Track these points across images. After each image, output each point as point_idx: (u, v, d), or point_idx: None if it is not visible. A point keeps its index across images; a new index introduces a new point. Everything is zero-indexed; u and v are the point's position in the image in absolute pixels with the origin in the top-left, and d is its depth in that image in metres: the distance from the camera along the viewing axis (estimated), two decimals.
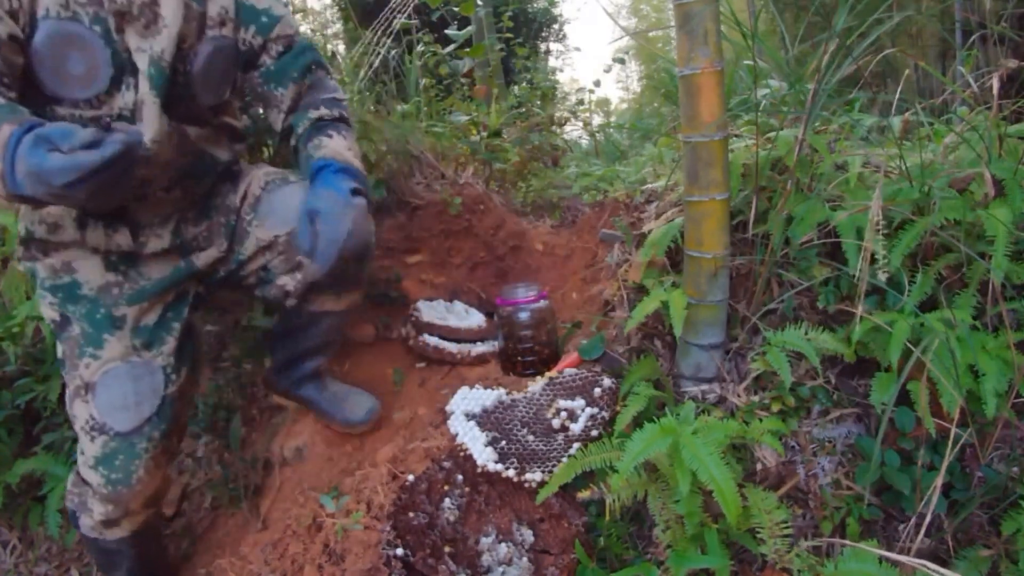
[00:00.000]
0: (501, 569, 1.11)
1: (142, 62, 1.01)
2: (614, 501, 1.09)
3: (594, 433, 1.23)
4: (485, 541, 1.15)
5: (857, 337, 1.14)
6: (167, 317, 1.17)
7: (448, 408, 1.35)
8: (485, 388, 1.39)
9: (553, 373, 1.38)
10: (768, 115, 1.53)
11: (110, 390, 1.08)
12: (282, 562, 1.23)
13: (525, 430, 1.27)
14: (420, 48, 2.62)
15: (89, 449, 1.08)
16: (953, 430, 1.01)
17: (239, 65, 1.17)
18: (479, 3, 2.86)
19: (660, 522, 1.08)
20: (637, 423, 1.12)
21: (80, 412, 1.08)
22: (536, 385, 1.36)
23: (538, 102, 2.84)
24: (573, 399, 1.30)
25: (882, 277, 1.00)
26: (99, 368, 1.08)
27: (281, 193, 1.24)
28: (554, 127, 2.70)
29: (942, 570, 0.74)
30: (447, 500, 1.19)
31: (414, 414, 1.47)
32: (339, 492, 1.31)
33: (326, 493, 1.31)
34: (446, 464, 1.24)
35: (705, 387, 1.28)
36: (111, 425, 1.07)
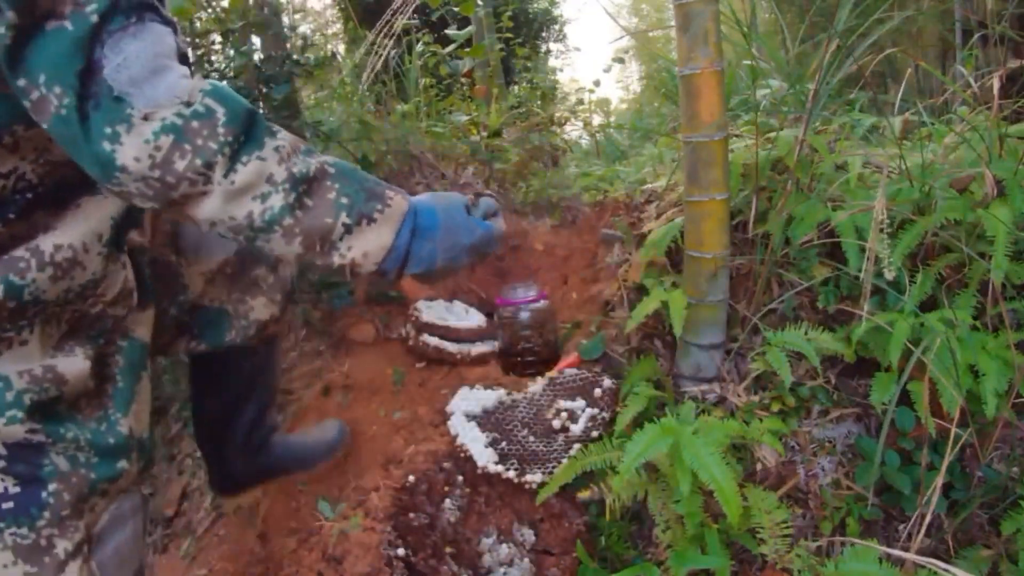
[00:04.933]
0: (503, 569, 1.11)
1: None
2: (614, 501, 1.09)
3: (594, 434, 1.22)
4: (486, 542, 1.15)
5: (858, 337, 1.14)
6: None
7: (448, 408, 1.35)
8: (485, 388, 1.39)
9: (553, 373, 1.38)
10: (768, 115, 1.52)
11: None
12: (281, 565, 1.22)
13: (525, 431, 1.27)
14: (420, 48, 2.62)
15: None
16: (953, 430, 1.01)
17: None
18: (479, 3, 2.85)
19: (660, 522, 1.08)
20: (637, 423, 1.12)
21: None
22: (536, 386, 1.36)
23: (538, 102, 2.84)
24: (573, 399, 1.30)
25: (888, 276, 1.00)
26: None
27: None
28: (554, 127, 2.69)
29: (947, 567, 0.74)
30: (448, 501, 1.19)
31: (414, 414, 1.47)
32: (338, 493, 1.31)
33: (323, 496, 1.31)
34: (446, 465, 1.24)
35: (705, 387, 1.27)
36: None
